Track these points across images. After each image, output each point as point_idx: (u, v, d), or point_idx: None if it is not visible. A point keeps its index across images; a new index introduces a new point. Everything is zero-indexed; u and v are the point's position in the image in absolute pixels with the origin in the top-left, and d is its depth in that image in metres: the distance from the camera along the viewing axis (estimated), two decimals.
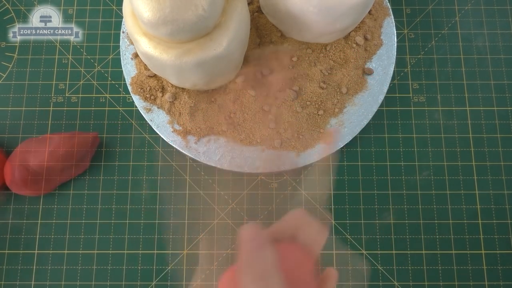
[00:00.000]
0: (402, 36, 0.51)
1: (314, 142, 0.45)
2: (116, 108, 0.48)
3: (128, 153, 0.47)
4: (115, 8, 0.52)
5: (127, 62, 0.47)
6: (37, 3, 0.52)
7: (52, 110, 0.48)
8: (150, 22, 0.34)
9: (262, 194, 0.46)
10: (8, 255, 0.44)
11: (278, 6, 0.41)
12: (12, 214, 0.45)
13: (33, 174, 0.42)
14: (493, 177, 0.46)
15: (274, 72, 0.45)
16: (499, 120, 0.48)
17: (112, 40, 0.51)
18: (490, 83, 0.49)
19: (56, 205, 0.45)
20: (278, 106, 0.44)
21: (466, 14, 0.52)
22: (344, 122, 0.45)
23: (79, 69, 0.50)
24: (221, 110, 0.44)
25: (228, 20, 0.37)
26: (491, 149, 0.47)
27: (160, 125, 0.45)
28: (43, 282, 0.43)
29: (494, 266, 0.44)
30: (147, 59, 0.39)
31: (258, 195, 0.46)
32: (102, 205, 0.45)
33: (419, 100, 0.48)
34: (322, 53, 0.45)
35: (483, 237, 0.45)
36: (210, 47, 0.36)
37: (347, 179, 0.46)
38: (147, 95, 0.45)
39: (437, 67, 0.50)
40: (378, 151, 0.47)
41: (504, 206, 0.45)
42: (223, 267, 0.43)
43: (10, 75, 0.49)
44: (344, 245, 0.44)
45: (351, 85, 0.45)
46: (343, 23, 0.41)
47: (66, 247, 0.44)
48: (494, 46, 0.50)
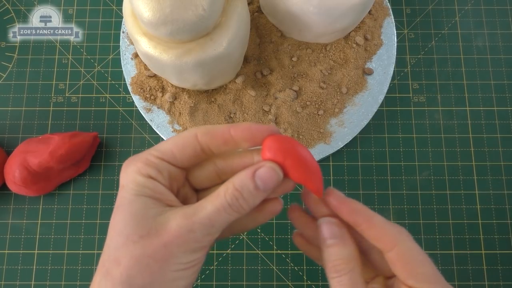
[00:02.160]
0: (402, 36, 0.51)
1: (314, 142, 0.45)
2: (116, 108, 0.48)
3: (128, 153, 0.47)
4: (115, 8, 0.52)
5: (127, 62, 0.47)
6: (37, 3, 0.52)
7: (52, 110, 0.48)
8: (150, 22, 0.34)
9: None
10: (8, 255, 0.44)
11: (278, 6, 0.41)
12: (12, 214, 0.45)
13: (33, 174, 0.42)
14: (493, 177, 0.46)
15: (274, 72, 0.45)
16: (499, 120, 0.48)
17: (112, 40, 0.51)
18: (490, 83, 0.49)
19: (56, 205, 0.45)
20: (278, 106, 0.44)
21: (466, 14, 0.52)
22: (344, 122, 0.45)
23: (79, 69, 0.50)
24: (221, 110, 0.44)
25: (228, 20, 0.37)
26: (491, 149, 0.47)
27: (160, 125, 0.45)
28: (43, 282, 0.43)
29: (494, 266, 0.44)
30: (147, 59, 0.39)
31: None
32: (102, 205, 0.45)
33: (419, 100, 0.48)
34: (322, 53, 0.45)
35: (483, 237, 0.45)
36: (210, 47, 0.36)
37: (347, 179, 0.46)
38: (147, 95, 0.45)
39: (437, 67, 0.50)
40: (378, 151, 0.47)
41: (504, 206, 0.45)
42: (223, 267, 0.44)
43: (10, 75, 0.49)
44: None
45: (351, 85, 0.45)
46: (343, 23, 0.41)
47: (66, 247, 0.44)
48: (494, 46, 0.50)
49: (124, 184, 0.25)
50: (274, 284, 0.43)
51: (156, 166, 0.25)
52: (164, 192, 0.25)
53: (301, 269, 0.44)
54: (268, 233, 0.45)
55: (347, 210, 0.25)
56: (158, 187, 0.24)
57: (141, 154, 0.25)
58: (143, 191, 0.24)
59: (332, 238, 0.25)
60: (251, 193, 0.24)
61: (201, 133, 0.25)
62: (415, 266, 0.24)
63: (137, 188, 0.24)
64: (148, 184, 0.24)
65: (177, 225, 0.23)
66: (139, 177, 0.24)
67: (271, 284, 0.43)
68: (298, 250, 0.44)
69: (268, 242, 0.44)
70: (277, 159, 0.24)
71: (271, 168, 0.24)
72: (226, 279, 0.43)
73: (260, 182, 0.24)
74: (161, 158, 0.25)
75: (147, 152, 0.25)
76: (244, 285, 0.43)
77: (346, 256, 0.25)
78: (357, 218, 0.25)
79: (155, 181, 0.24)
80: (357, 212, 0.25)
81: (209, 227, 0.23)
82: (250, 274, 0.43)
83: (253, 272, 0.44)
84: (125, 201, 0.24)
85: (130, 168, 0.25)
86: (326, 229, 0.25)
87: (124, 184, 0.25)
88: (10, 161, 0.43)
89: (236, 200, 0.23)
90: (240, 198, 0.23)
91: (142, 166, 0.25)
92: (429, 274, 0.24)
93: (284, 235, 0.44)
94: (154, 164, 0.25)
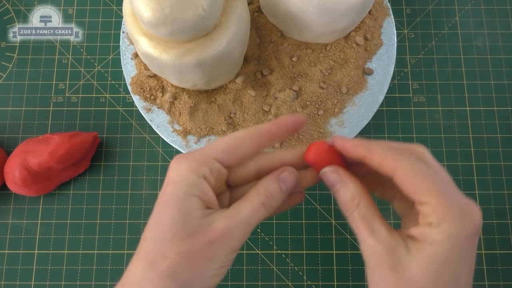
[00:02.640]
0: (402, 36, 0.51)
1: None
2: (116, 108, 0.48)
3: (128, 153, 0.47)
4: (115, 8, 0.52)
5: (127, 62, 0.47)
6: (37, 3, 0.52)
7: (52, 110, 0.48)
8: (150, 22, 0.34)
9: None
10: (8, 255, 0.44)
11: (278, 6, 0.41)
12: (12, 214, 0.45)
13: (33, 174, 0.42)
14: (493, 177, 0.46)
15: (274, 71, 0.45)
16: (499, 120, 0.48)
17: (112, 40, 0.51)
18: (490, 83, 0.49)
19: (56, 205, 0.45)
20: (278, 106, 0.44)
21: (466, 14, 0.52)
22: (344, 122, 0.45)
23: (79, 69, 0.50)
24: (221, 110, 0.44)
25: (228, 20, 0.37)
26: (491, 149, 0.47)
27: (160, 125, 0.45)
28: (43, 282, 0.43)
29: (494, 266, 0.44)
30: (147, 59, 0.39)
31: None
32: (102, 205, 0.45)
33: (419, 100, 0.48)
34: (322, 53, 0.45)
35: (483, 237, 0.45)
36: (210, 47, 0.36)
37: None
38: (147, 95, 0.45)
39: (437, 67, 0.50)
40: None
41: (504, 206, 0.45)
42: None
43: (10, 75, 0.49)
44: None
45: (351, 85, 0.45)
46: (343, 23, 0.41)
47: (66, 247, 0.44)
48: (494, 46, 0.50)
49: (175, 181, 0.26)
50: (274, 284, 0.43)
51: (210, 166, 0.27)
52: (209, 194, 0.27)
53: (301, 269, 0.44)
54: (268, 233, 0.45)
55: (349, 146, 0.28)
56: (206, 188, 0.26)
57: (195, 153, 0.27)
58: (193, 190, 0.26)
59: (333, 185, 0.28)
60: (277, 193, 0.27)
61: (253, 133, 0.28)
62: (418, 183, 0.25)
63: (189, 186, 0.26)
64: (199, 184, 0.26)
65: (222, 225, 0.25)
66: (192, 175, 0.26)
67: (271, 284, 0.43)
68: (298, 250, 0.44)
69: (268, 242, 0.44)
70: (312, 162, 0.29)
71: (291, 172, 0.28)
72: (226, 279, 0.43)
73: (283, 184, 0.27)
74: (216, 158, 0.27)
75: (201, 150, 0.27)
76: (244, 285, 0.43)
77: (349, 196, 0.27)
78: (359, 151, 0.27)
79: (205, 182, 0.26)
80: (358, 146, 0.27)
81: (247, 225, 0.26)
82: (250, 274, 0.43)
83: (253, 272, 0.44)
84: (175, 198, 0.26)
85: (184, 166, 0.26)
86: (326, 180, 0.28)
87: (175, 180, 0.26)
88: (10, 161, 0.43)
89: (267, 200, 0.27)
90: (270, 198, 0.27)
91: (197, 165, 0.26)
92: (432, 188, 0.25)
93: (284, 235, 0.45)
94: (209, 164, 0.27)
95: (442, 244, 0.24)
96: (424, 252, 0.24)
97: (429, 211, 0.25)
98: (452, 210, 0.24)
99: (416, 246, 0.25)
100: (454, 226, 0.24)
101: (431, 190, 0.25)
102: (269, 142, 0.28)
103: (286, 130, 0.29)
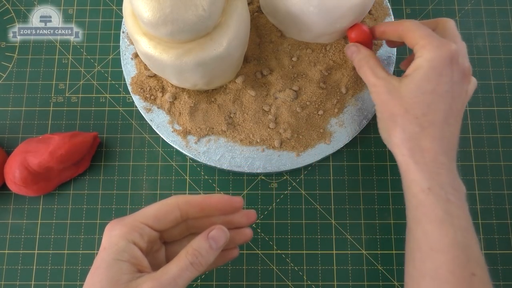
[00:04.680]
0: None
1: (314, 142, 0.45)
2: (116, 108, 0.48)
3: (128, 153, 0.47)
4: (115, 8, 0.52)
5: (127, 62, 0.47)
6: (37, 3, 0.52)
7: (52, 110, 0.48)
8: (150, 22, 0.34)
9: (262, 194, 0.46)
10: (8, 255, 0.44)
11: (278, 6, 0.41)
12: (12, 214, 0.45)
13: (33, 174, 0.42)
14: (493, 177, 0.46)
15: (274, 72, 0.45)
16: (499, 120, 0.48)
17: (112, 40, 0.51)
18: (490, 83, 0.49)
19: (56, 205, 0.45)
20: (278, 106, 0.44)
21: (466, 14, 0.52)
22: (344, 122, 0.45)
23: (79, 69, 0.50)
24: (221, 110, 0.44)
25: (228, 20, 0.37)
26: (491, 149, 0.47)
27: (160, 125, 0.45)
28: (43, 282, 0.43)
29: (494, 266, 0.44)
30: (147, 59, 0.39)
31: (258, 195, 0.46)
32: (102, 205, 0.45)
33: None
34: (322, 53, 0.45)
35: (483, 237, 0.45)
36: (210, 47, 0.36)
37: (347, 179, 0.46)
38: (147, 95, 0.45)
39: None
40: (378, 151, 0.47)
41: (504, 206, 0.45)
42: (223, 267, 0.44)
43: (10, 75, 0.49)
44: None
45: (351, 85, 0.45)
46: (343, 24, 0.41)
47: (66, 247, 0.44)
48: (494, 46, 0.50)
49: (106, 247, 0.29)
50: (274, 284, 0.43)
51: (140, 231, 0.29)
52: (139, 257, 0.29)
53: (301, 269, 0.44)
54: (268, 233, 0.45)
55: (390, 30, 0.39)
56: (136, 252, 0.28)
57: (127, 218, 0.30)
58: (123, 256, 0.28)
59: (352, 53, 0.40)
60: (207, 251, 0.29)
61: (182, 203, 0.31)
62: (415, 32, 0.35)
63: (117, 252, 0.28)
64: (128, 250, 0.28)
65: (148, 287, 0.27)
66: (121, 241, 0.28)
67: (271, 284, 0.43)
68: (298, 250, 0.44)
69: (268, 242, 0.44)
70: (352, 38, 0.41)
71: (220, 230, 0.30)
72: (226, 279, 0.43)
73: (213, 242, 0.29)
74: (145, 223, 0.29)
75: (132, 216, 0.30)
76: (244, 285, 0.43)
77: (362, 57, 0.38)
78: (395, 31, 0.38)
79: (135, 247, 0.29)
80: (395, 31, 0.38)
81: (175, 286, 0.27)
82: (250, 274, 0.43)
83: (253, 272, 0.44)
84: (104, 264, 0.28)
85: (115, 232, 0.29)
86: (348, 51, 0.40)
87: (106, 246, 0.29)
88: (10, 161, 0.43)
89: (196, 259, 0.28)
90: (199, 256, 0.29)
91: (127, 231, 0.29)
92: (423, 34, 0.35)
93: (284, 235, 0.45)
94: (138, 229, 0.29)
95: (423, 66, 0.34)
96: (410, 77, 0.34)
97: (418, 48, 0.34)
98: (432, 42, 0.34)
99: (406, 77, 0.35)
100: (431, 52, 0.33)
101: (422, 36, 0.34)
102: (199, 214, 0.31)
103: (217, 210, 0.31)
